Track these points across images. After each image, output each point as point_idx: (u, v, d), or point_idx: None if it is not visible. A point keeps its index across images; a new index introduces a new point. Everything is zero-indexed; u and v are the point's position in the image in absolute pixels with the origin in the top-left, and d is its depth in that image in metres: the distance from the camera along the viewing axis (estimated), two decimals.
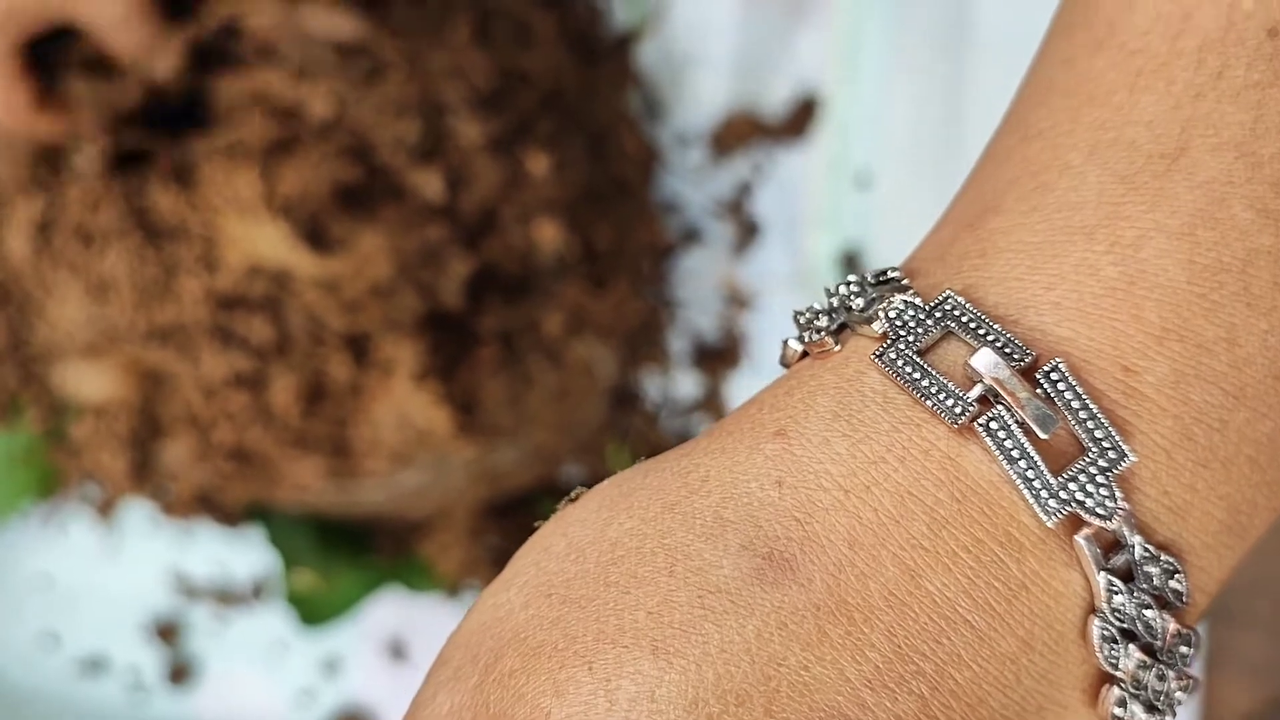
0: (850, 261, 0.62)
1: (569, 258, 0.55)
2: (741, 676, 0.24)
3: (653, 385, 0.63)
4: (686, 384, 0.63)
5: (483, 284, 0.54)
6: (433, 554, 0.59)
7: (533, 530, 0.28)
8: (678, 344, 0.63)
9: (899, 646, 0.25)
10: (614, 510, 0.27)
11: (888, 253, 0.61)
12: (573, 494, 0.28)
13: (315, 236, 0.51)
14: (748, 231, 0.63)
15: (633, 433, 0.62)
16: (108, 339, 0.54)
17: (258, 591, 0.65)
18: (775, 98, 0.64)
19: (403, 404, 0.52)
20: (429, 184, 0.52)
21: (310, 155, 0.51)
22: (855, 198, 0.63)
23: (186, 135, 0.53)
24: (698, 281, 0.64)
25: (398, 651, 0.64)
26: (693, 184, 0.64)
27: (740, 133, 0.63)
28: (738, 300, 0.63)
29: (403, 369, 0.52)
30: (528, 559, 0.27)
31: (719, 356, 0.63)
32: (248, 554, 0.65)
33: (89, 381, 0.55)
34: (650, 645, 0.25)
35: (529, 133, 0.56)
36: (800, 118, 0.63)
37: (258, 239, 0.50)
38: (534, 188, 0.55)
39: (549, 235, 0.54)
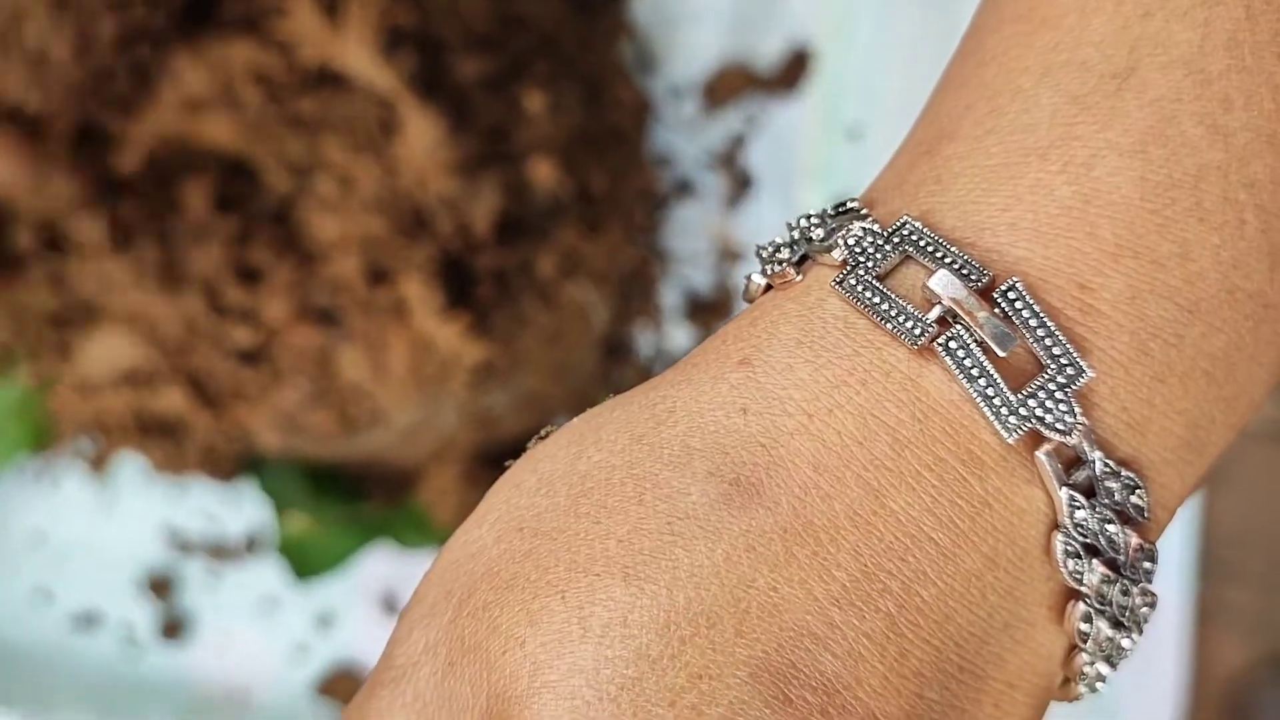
0: None
1: (564, 199, 0.56)
2: (711, 599, 0.25)
3: (645, 338, 0.63)
4: (679, 336, 0.63)
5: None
6: (429, 500, 0.59)
7: (506, 470, 0.29)
8: (670, 297, 0.64)
9: (865, 565, 0.25)
10: (583, 444, 0.27)
11: None
12: (542, 432, 0.29)
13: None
14: (740, 184, 0.64)
15: (624, 385, 0.62)
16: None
17: (251, 546, 0.65)
18: (768, 50, 0.64)
19: (429, 335, 0.52)
20: (433, 121, 0.52)
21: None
22: (847, 150, 0.63)
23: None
24: (690, 234, 0.64)
25: (391, 605, 0.65)
26: (685, 136, 0.64)
27: (733, 85, 0.63)
28: (730, 253, 0.63)
29: (423, 303, 0.52)
30: (499, 496, 0.28)
31: (711, 309, 0.63)
32: (241, 509, 0.65)
33: (108, 347, 0.55)
34: (621, 572, 0.25)
35: (525, 73, 0.56)
36: (793, 70, 0.63)
37: None
38: (530, 126, 0.55)
39: (544, 174, 0.54)
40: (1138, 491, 0.26)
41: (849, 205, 0.29)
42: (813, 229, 0.29)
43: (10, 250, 0.55)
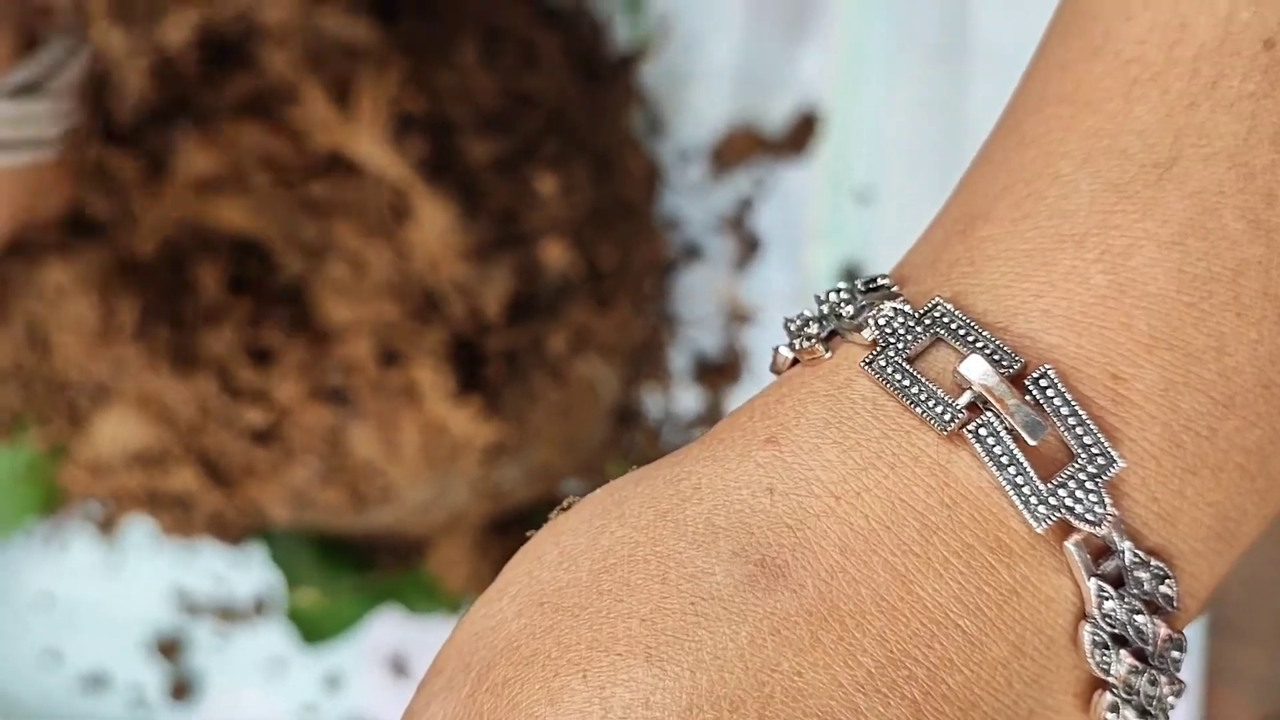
0: (851, 276, 0.62)
1: (574, 278, 0.56)
2: (735, 682, 0.24)
3: (654, 402, 0.63)
4: (688, 399, 0.63)
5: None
6: (439, 570, 0.59)
7: (526, 540, 0.28)
8: (679, 360, 0.64)
9: (891, 651, 0.25)
10: (606, 518, 0.27)
11: (889, 267, 0.61)
12: (565, 503, 0.28)
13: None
14: (749, 247, 0.64)
15: (634, 449, 0.62)
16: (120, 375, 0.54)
17: (259, 608, 0.65)
18: (776, 113, 0.64)
19: (440, 418, 0.52)
20: (443, 207, 0.52)
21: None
22: (856, 213, 0.63)
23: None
24: (699, 297, 0.64)
25: (399, 668, 0.64)
26: (694, 200, 0.64)
27: (741, 148, 0.63)
28: (739, 315, 0.64)
29: (434, 387, 0.52)
30: (520, 568, 0.27)
31: (720, 372, 0.63)
32: (249, 570, 0.65)
33: (120, 428, 0.55)
34: (644, 652, 0.25)
35: (536, 154, 0.56)
36: (801, 133, 0.64)
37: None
38: (542, 208, 0.55)
39: (556, 255, 0.54)
40: (1167, 581, 0.26)
41: (880, 281, 0.29)
42: (842, 305, 0.28)
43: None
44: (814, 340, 0.28)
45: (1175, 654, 0.26)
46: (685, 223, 0.64)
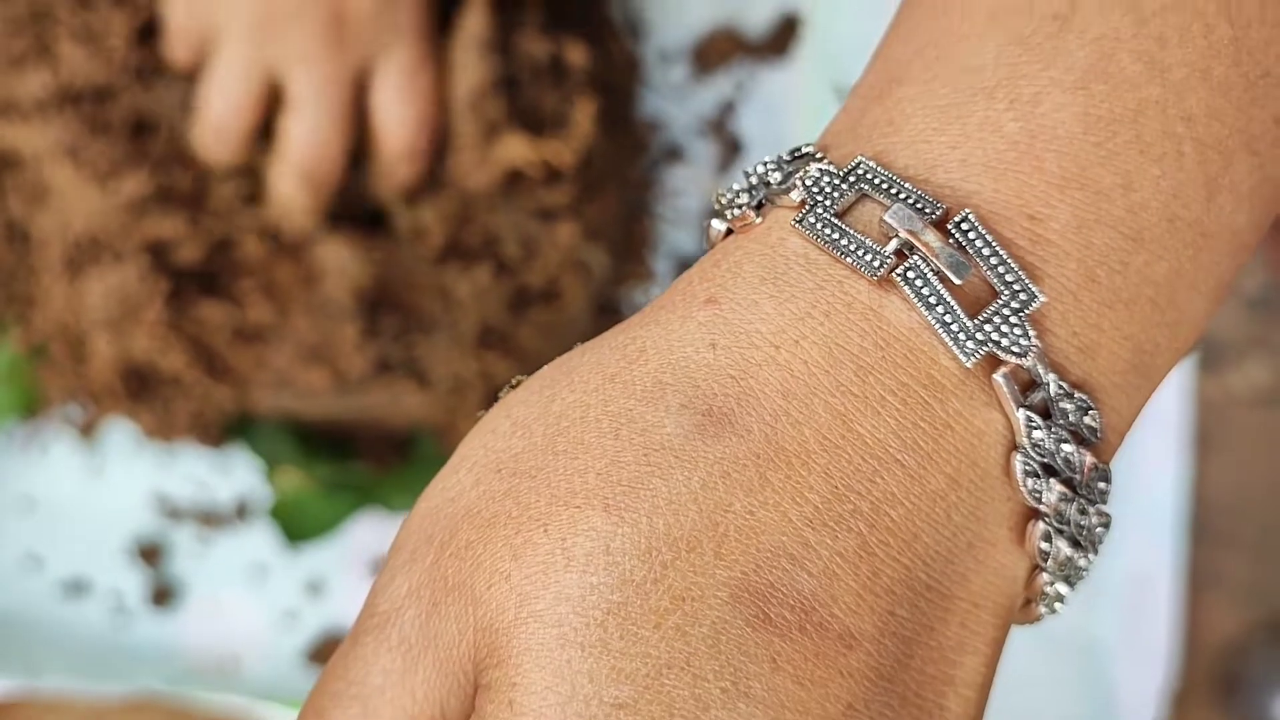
0: None
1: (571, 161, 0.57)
2: (690, 524, 0.25)
3: (637, 298, 0.63)
4: None
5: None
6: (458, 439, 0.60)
7: (478, 420, 0.29)
8: (660, 264, 0.64)
9: (836, 487, 0.26)
10: (556, 387, 0.28)
11: None
12: (513, 380, 0.30)
13: None
14: (731, 150, 0.64)
15: None
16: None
17: (241, 512, 0.65)
18: (757, 16, 0.64)
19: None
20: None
21: None
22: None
23: None
24: (681, 199, 0.64)
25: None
26: (675, 102, 0.64)
27: (723, 50, 0.63)
28: None
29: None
30: (475, 442, 0.28)
31: None
32: (230, 475, 0.65)
33: (103, 291, 0.56)
34: (601, 503, 0.26)
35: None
36: (782, 35, 0.63)
37: None
38: (572, 75, 0.57)
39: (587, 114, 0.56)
40: (1090, 413, 0.27)
41: (804, 150, 0.30)
42: (770, 173, 0.30)
43: None
44: (744, 208, 0.29)
45: (1101, 485, 0.28)
46: (667, 124, 0.64)
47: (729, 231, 0.30)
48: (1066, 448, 0.27)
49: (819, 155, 0.29)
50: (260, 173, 0.56)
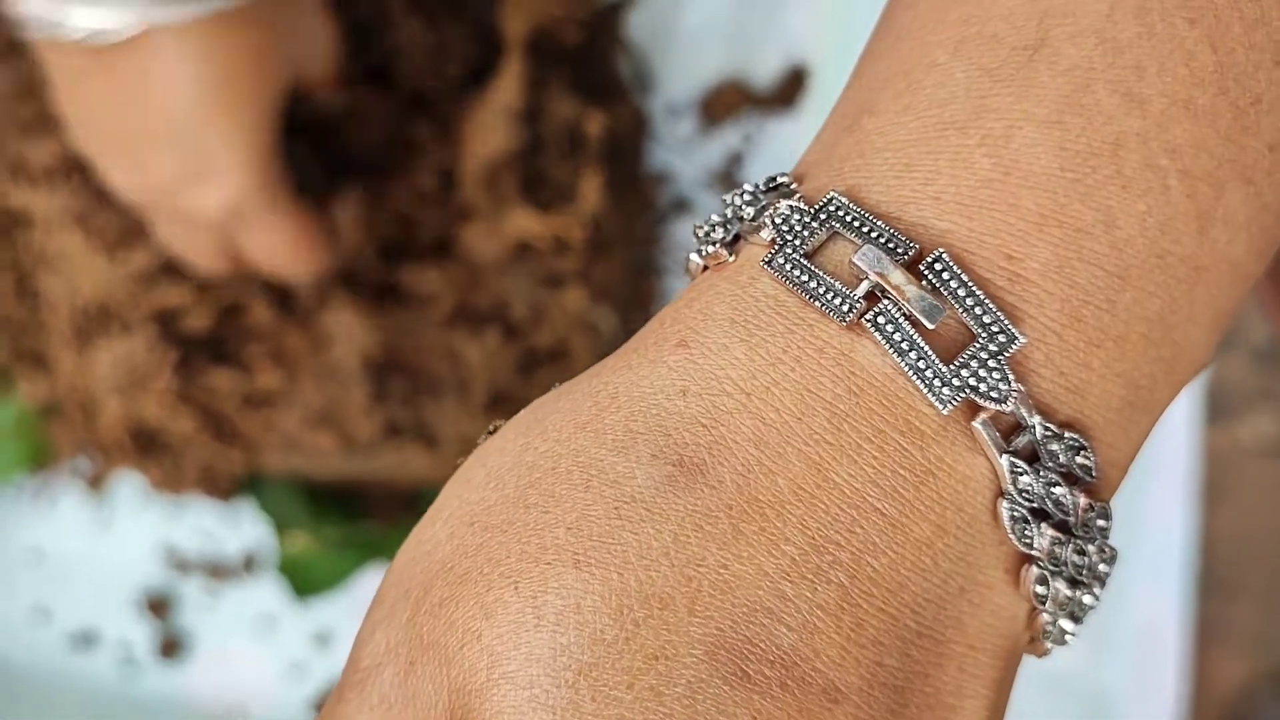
0: None
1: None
2: (662, 580, 0.25)
3: None
4: None
5: None
6: None
7: (456, 469, 0.29)
8: None
9: (813, 538, 0.25)
10: (529, 436, 0.27)
11: None
12: (491, 427, 0.29)
13: None
14: None
15: None
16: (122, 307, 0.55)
17: (249, 565, 0.65)
18: (765, 68, 0.64)
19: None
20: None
21: None
22: None
23: None
24: (688, 252, 0.64)
25: None
26: (683, 155, 0.64)
27: (730, 103, 0.63)
28: None
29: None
30: (451, 493, 0.28)
31: None
32: (239, 527, 0.65)
33: (111, 359, 0.56)
34: (572, 559, 0.25)
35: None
36: (790, 87, 0.63)
37: None
38: (587, 145, 0.57)
39: (593, 190, 0.56)
40: (1083, 452, 0.26)
41: (779, 180, 0.29)
42: (744, 207, 0.29)
43: None
44: (718, 244, 0.29)
45: (1101, 522, 0.27)
46: (675, 177, 0.64)
47: (706, 266, 0.29)
48: (1057, 490, 0.26)
49: (792, 186, 0.29)
50: None
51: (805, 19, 0.64)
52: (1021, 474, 0.26)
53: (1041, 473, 0.26)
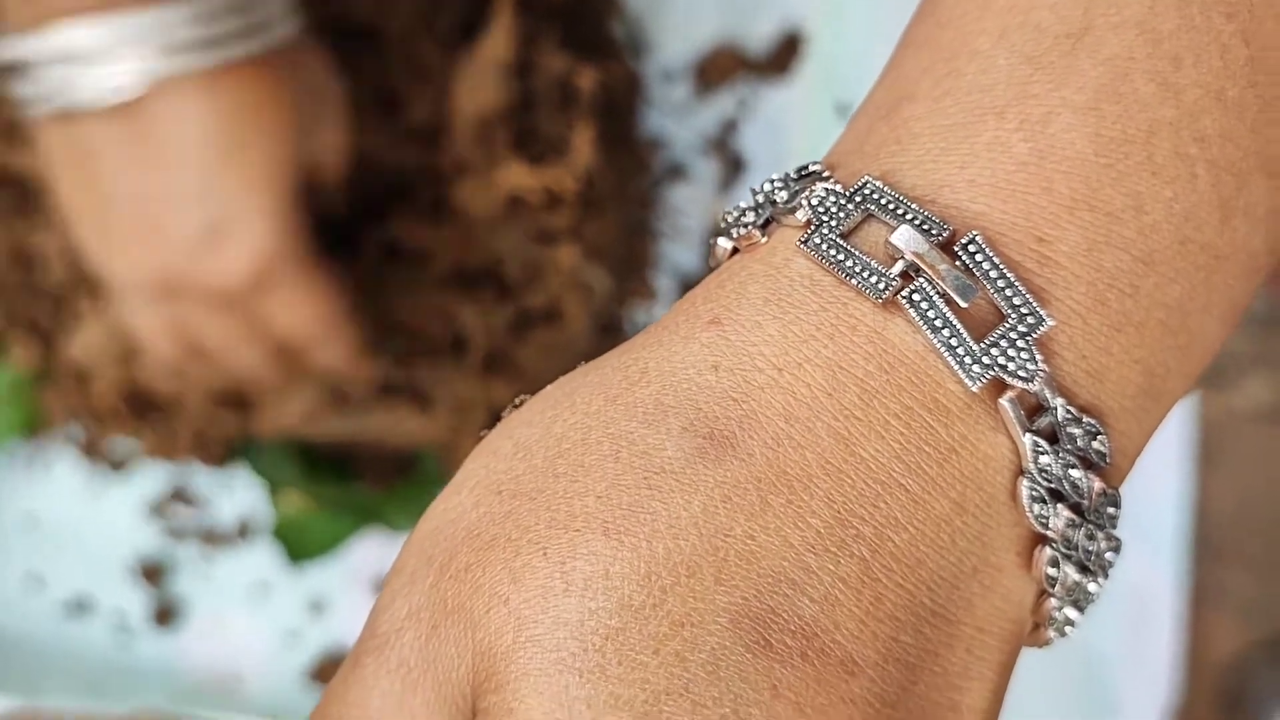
0: None
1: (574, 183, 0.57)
2: (690, 549, 0.25)
3: (639, 316, 0.63)
4: None
5: None
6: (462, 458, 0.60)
7: (480, 439, 0.29)
8: (663, 281, 0.64)
9: (838, 512, 0.26)
10: (558, 408, 0.28)
11: None
12: (516, 400, 0.29)
13: None
14: (733, 168, 0.63)
15: None
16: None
17: (243, 531, 0.65)
18: (759, 33, 0.64)
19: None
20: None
21: None
22: (839, 132, 0.62)
23: None
24: (683, 217, 0.64)
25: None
26: (678, 120, 0.64)
27: (724, 68, 0.63)
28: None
29: None
30: (477, 463, 0.28)
31: None
32: (233, 494, 0.65)
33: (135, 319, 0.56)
34: (601, 527, 0.25)
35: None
36: (784, 53, 0.63)
37: None
38: (579, 99, 0.57)
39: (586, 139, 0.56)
40: (1099, 438, 0.27)
41: (811, 169, 0.30)
42: (776, 192, 0.29)
43: None
44: (750, 227, 0.29)
45: (1110, 510, 0.27)
46: (669, 143, 0.64)
47: (735, 250, 0.30)
48: (1074, 473, 0.26)
49: (825, 174, 0.29)
50: None
51: None
52: (1042, 453, 0.26)
53: (1060, 454, 0.26)
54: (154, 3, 0.45)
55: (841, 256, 0.27)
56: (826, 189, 0.28)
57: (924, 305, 0.26)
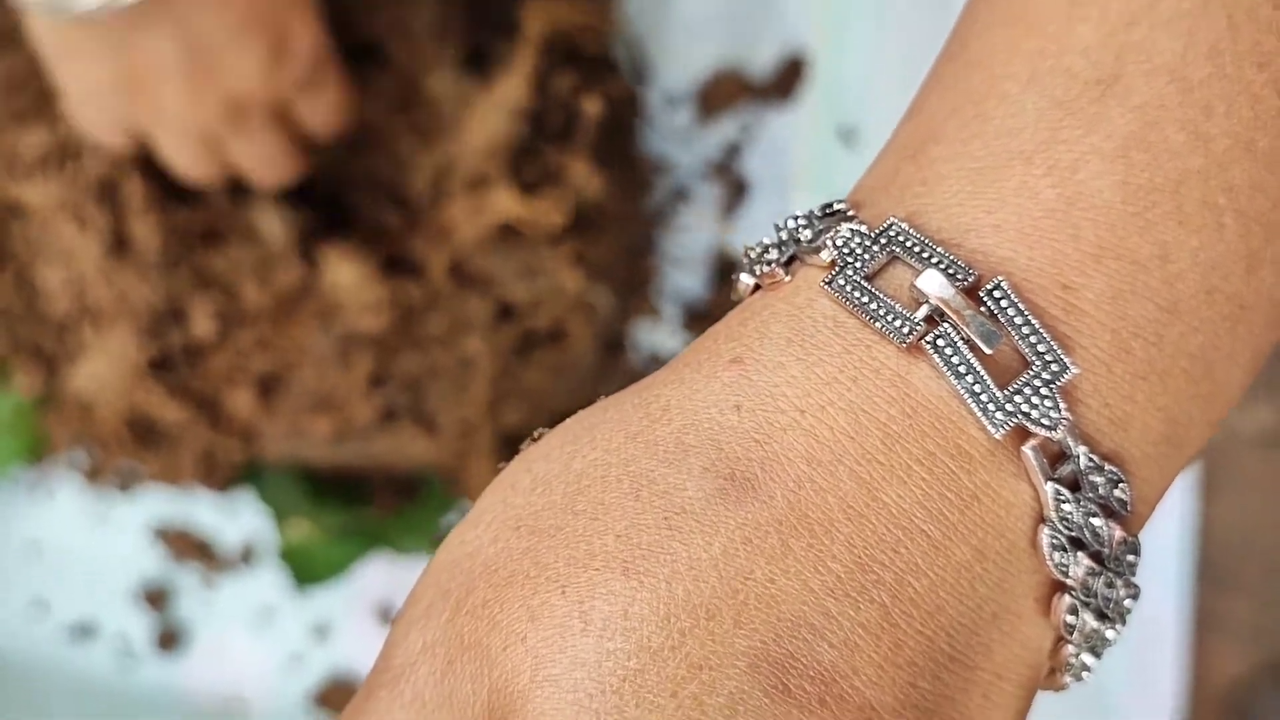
0: None
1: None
2: (710, 591, 0.25)
3: (643, 336, 0.63)
4: (674, 344, 0.63)
5: None
6: (474, 492, 0.60)
7: (498, 473, 0.29)
8: (668, 308, 0.63)
9: (859, 557, 0.25)
10: (578, 444, 0.28)
11: None
12: (535, 434, 0.29)
13: None
14: (736, 192, 0.63)
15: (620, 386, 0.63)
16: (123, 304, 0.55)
17: (247, 556, 0.65)
18: (762, 58, 0.64)
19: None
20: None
21: None
22: (843, 156, 0.62)
23: None
24: (687, 241, 0.64)
25: (387, 615, 0.64)
26: (681, 145, 0.64)
27: (727, 93, 0.63)
28: (727, 260, 0.63)
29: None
30: (494, 497, 0.28)
31: (707, 318, 0.63)
32: (236, 518, 0.65)
33: (106, 356, 0.56)
34: (621, 566, 0.25)
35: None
36: (787, 78, 0.63)
37: None
38: (582, 126, 0.57)
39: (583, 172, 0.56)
40: (1121, 485, 0.27)
41: (836, 207, 0.29)
42: (800, 230, 0.29)
43: None
44: (774, 265, 0.29)
45: (1130, 558, 0.27)
46: (672, 167, 0.64)
47: (757, 287, 0.30)
48: (1096, 521, 0.26)
49: (850, 213, 0.29)
50: (253, 226, 0.56)
51: (802, 9, 0.63)
52: (1064, 502, 0.26)
53: (1082, 503, 0.26)
54: None
55: (866, 299, 0.27)
56: (852, 229, 0.28)
57: (948, 351, 0.26)
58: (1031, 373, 0.26)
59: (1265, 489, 0.64)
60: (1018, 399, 0.26)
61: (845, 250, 0.28)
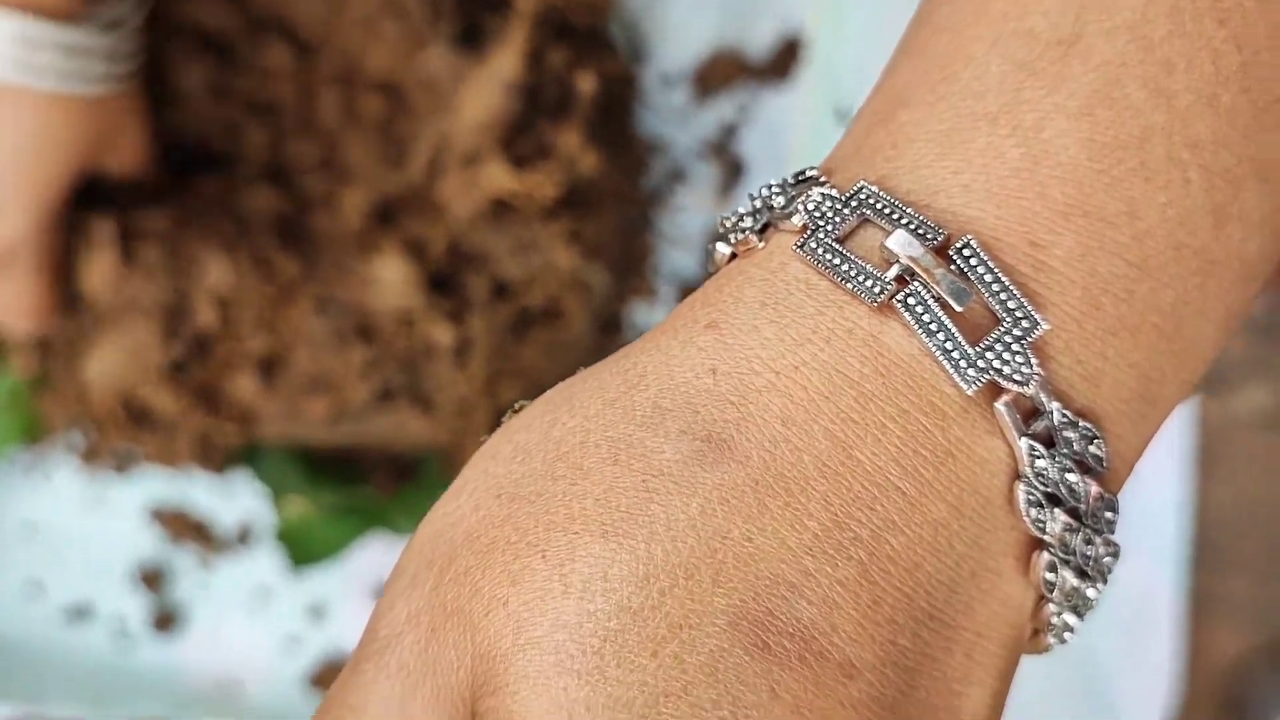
0: None
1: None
2: (688, 551, 0.25)
3: (639, 315, 0.63)
4: None
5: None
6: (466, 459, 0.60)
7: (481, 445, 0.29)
8: (665, 288, 0.64)
9: (836, 515, 0.26)
10: (557, 412, 0.28)
11: None
12: (516, 406, 0.29)
13: None
14: (732, 172, 0.64)
15: None
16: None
17: (244, 537, 0.65)
18: (759, 38, 0.64)
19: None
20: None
21: None
22: (839, 137, 0.62)
23: None
24: (683, 222, 0.64)
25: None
26: (677, 125, 0.64)
27: (724, 73, 0.63)
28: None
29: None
30: (476, 468, 0.28)
31: None
32: (233, 499, 0.65)
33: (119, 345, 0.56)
34: (599, 529, 0.26)
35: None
36: (784, 58, 0.63)
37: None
38: (577, 102, 0.57)
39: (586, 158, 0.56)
40: (1095, 441, 0.27)
41: (808, 174, 0.30)
42: (773, 197, 0.29)
43: None
44: (748, 232, 0.29)
45: (1108, 514, 0.27)
46: (669, 147, 0.64)
47: (733, 255, 0.30)
48: (1071, 477, 0.26)
49: (822, 179, 0.29)
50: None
51: None
52: (1039, 457, 0.26)
53: (1057, 458, 0.26)
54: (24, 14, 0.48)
55: (837, 260, 0.27)
56: (822, 194, 0.28)
57: (919, 309, 0.27)
58: (1002, 329, 0.26)
59: (1262, 470, 0.64)
60: (989, 355, 0.26)
61: (816, 214, 0.28)
